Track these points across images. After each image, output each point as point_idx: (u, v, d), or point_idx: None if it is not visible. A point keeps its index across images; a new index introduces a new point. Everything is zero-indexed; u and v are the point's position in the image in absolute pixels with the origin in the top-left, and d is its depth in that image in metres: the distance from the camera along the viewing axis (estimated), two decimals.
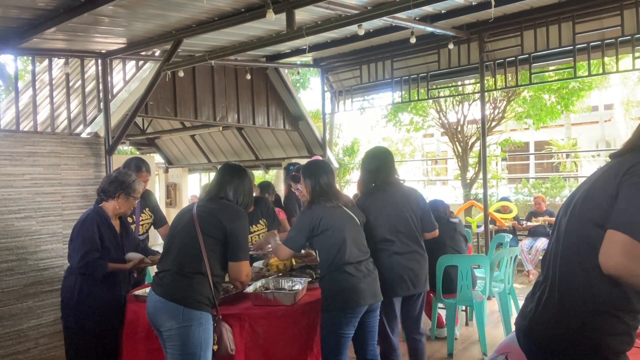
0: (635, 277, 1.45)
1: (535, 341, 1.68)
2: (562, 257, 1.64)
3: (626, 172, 1.50)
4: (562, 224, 1.69)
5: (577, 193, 1.68)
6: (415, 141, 19.56)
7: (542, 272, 1.75)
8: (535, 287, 1.76)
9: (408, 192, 3.40)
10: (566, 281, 1.61)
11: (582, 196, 1.64)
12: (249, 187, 2.80)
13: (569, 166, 17.27)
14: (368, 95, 7.38)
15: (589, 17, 5.03)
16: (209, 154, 10.85)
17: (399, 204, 3.28)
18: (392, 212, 3.25)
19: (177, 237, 2.64)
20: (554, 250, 1.69)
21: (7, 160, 4.40)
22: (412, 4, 3.44)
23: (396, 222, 3.25)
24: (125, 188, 3.19)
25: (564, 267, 1.62)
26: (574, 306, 1.58)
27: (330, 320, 2.90)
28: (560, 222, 1.71)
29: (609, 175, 1.56)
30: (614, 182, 1.52)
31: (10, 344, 4.30)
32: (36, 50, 4.87)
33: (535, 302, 1.70)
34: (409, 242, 3.27)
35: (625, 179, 1.49)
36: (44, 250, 4.58)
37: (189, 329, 2.48)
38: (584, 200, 1.62)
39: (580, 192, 1.67)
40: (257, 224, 3.98)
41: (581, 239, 1.58)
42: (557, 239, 1.69)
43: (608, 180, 1.55)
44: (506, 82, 5.99)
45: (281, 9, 3.93)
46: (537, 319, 1.67)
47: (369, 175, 3.39)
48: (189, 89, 6.57)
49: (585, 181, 1.72)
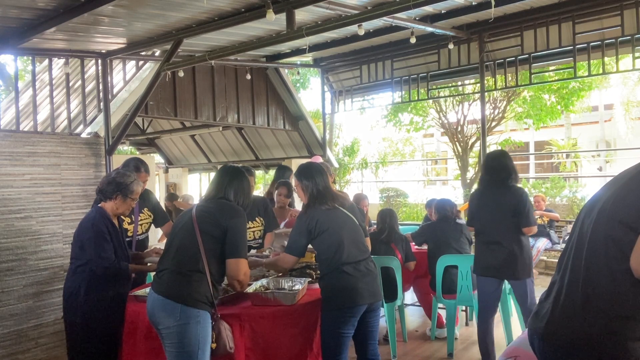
0: None
1: (553, 344, 1.61)
2: (587, 258, 1.56)
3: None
4: (585, 224, 1.61)
5: (606, 192, 1.60)
6: (415, 141, 19.58)
7: (558, 271, 1.68)
8: (549, 288, 1.70)
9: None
10: (592, 283, 1.53)
11: (614, 196, 1.54)
12: (248, 188, 2.82)
13: (569, 166, 17.29)
14: (368, 95, 7.39)
15: (589, 17, 5.04)
16: (209, 154, 10.85)
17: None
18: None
19: (176, 237, 2.67)
20: (576, 251, 1.61)
21: (7, 160, 4.40)
22: (412, 4, 3.44)
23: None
24: (123, 189, 3.20)
25: (589, 269, 1.54)
26: (598, 309, 1.51)
27: (329, 319, 2.91)
28: (583, 221, 1.63)
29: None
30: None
31: (10, 344, 4.30)
32: (36, 50, 4.87)
33: (552, 303, 1.63)
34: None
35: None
36: (44, 250, 4.58)
37: (187, 327, 2.48)
38: (615, 200, 1.53)
39: (611, 191, 1.57)
40: (253, 221, 4.11)
41: (609, 240, 1.50)
42: (579, 239, 1.61)
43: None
44: (506, 82, 5.99)
45: (281, 9, 3.93)
46: (556, 321, 1.60)
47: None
48: (189, 89, 6.57)
49: (614, 180, 1.63)
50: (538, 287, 3.62)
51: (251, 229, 4.08)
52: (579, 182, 14.32)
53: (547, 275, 7.35)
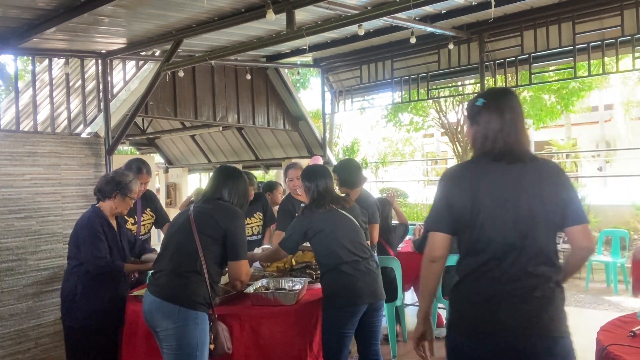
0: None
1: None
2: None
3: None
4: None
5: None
6: (415, 141, 19.57)
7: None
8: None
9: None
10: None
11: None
12: (244, 189, 2.82)
13: (569, 166, 17.26)
14: (368, 95, 7.39)
15: (589, 17, 5.04)
16: (209, 154, 10.86)
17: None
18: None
19: (173, 238, 2.66)
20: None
21: (7, 160, 4.40)
22: (412, 4, 3.44)
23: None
24: (122, 188, 3.20)
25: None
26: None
27: (330, 319, 2.94)
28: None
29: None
30: None
31: (10, 344, 4.30)
32: (36, 50, 4.87)
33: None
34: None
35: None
36: (44, 250, 4.58)
37: (185, 329, 2.48)
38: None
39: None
40: (251, 217, 4.22)
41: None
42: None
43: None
44: (506, 82, 5.99)
45: (281, 9, 3.93)
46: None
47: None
48: (189, 89, 6.57)
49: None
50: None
51: (250, 224, 4.17)
52: (579, 182, 14.32)
53: None
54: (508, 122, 1.89)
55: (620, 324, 2.36)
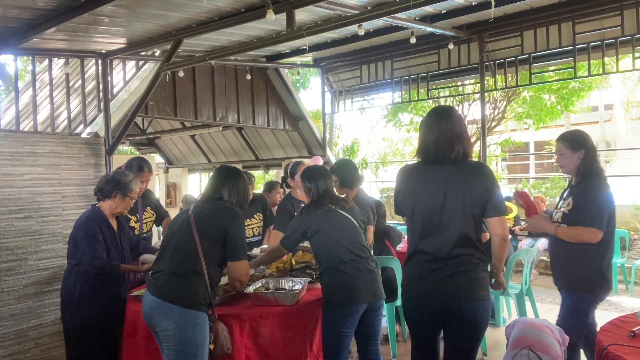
0: None
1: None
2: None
3: None
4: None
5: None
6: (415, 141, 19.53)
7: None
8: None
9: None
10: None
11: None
12: (243, 189, 2.82)
13: None
14: (368, 95, 7.39)
15: (589, 17, 5.04)
16: (209, 154, 10.85)
17: None
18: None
19: (173, 238, 2.65)
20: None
21: (7, 160, 4.40)
22: (412, 4, 3.44)
23: None
24: (122, 188, 3.20)
25: None
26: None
27: (329, 318, 2.94)
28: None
29: None
30: None
31: (10, 344, 4.30)
32: (36, 50, 4.87)
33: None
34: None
35: None
36: (44, 250, 4.58)
37: (185, 329, 2.48)
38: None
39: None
40: (251, 218, 4.24)
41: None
42: None
43: None
44: (506, 82, 5.99)
45: (281, 9, 3.93)
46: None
47: None
48: (189, 89, 6.57)
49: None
50: (539, 287, 3.62)
51: (250, 226, 4.18)
52: None
53: (547, 275, 7.35)
54: (439, 135, 2.41)
55: (620, 324, 2.36)
